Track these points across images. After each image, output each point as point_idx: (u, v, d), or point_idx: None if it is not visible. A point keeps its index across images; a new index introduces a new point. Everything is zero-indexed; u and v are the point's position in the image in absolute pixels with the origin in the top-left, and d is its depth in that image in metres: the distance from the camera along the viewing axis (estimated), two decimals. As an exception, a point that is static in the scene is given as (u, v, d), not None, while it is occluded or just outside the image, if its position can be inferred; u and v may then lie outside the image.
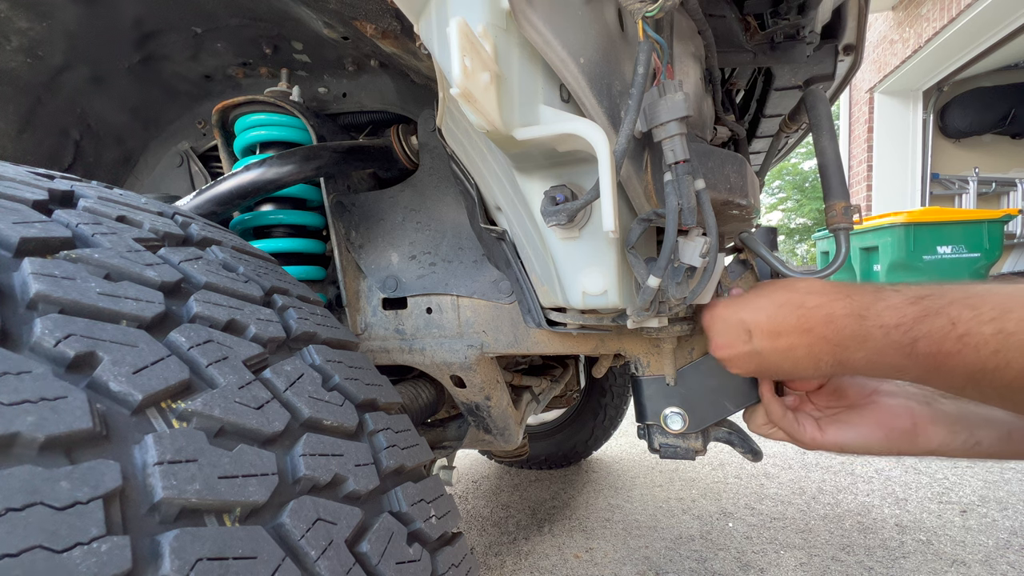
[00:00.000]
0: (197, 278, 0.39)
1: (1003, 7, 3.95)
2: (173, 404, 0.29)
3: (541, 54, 0.39)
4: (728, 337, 0.55)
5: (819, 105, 0.66)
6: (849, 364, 0.47)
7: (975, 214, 3.62)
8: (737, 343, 0.54)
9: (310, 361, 0.43)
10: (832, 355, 0.48)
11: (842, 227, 0.61)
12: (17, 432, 0.22)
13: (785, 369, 0.52)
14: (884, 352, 0.44)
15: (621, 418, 2.03)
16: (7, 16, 0.67)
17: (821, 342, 0.48)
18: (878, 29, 5.40)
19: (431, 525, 0.42)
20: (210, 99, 0.88)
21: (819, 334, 0.48)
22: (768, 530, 1.51)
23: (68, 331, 0.27)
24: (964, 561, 1.31)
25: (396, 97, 0.81)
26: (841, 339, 0.46)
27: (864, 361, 0.46)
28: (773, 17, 0.65)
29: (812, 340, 0.48)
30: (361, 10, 0.53)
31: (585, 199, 0.43)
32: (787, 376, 0.56)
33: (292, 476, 0.32)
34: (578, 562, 1.40)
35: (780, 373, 0.54)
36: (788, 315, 0.50)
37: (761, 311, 0.52)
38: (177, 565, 0.24)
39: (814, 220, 12.74)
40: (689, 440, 0.68)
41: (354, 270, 0.81)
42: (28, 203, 0.34)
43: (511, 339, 0.74)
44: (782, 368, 0.52)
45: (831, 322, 0.47)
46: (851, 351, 0.46)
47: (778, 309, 0.51)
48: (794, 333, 0.49)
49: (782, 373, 0.54)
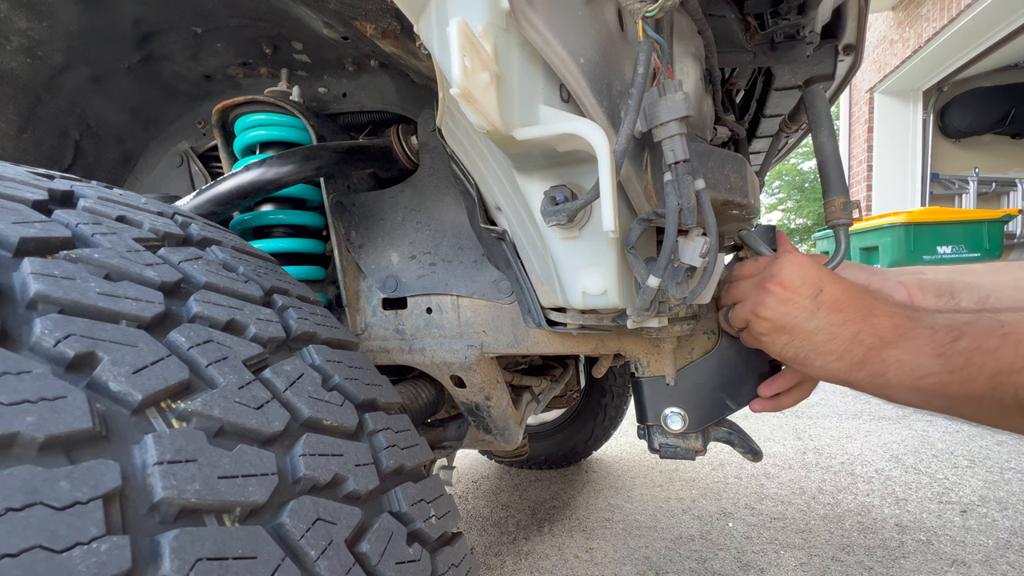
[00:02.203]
0: (197, 278, 0.39)
1: (1003, 7, 3.95)
2: (173, 404, 0.29)
3: (541, 54, 0.39)
4: (797, 282, 0.54)
5: (818, 102, 0.66)
6: (872, 363, 0.49)
7: (975, 214, 3.62)
8: (802, 293, 0.53)
9: (310, 361, 0.43)
10: (867, 347, 0.49)
11: (841, 223, 0.61)
12: (17, 432, 0.22)
13: (814, 342, 0.52)
14: (919, 352, 0.45)
15: (621, 418, 2.03)
16: (7, 16, 0.67)
17: (871, 330, 0.49)
18: (878, 29, 5.40)
19: (431, 525, 0.42)
20: (210, 99, 0.88)
21: (874, 323, 0.49)
22: (768, 530, 1.51)
23: (68, 331, 0.27)
24: (964, 561, 1.31)
25: (396, 97, 0.81)
26: (889, 333, 0.48)
27: (893, 360, 0.47)
28: (773, 17, 0.65)
29: (865, 326, 0.50)
30: (361, 10, 0.53)
31: (585, 199, 0.43)
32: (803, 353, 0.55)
33: (292, 476, 0.32)
34: (578, 562, 1.40)
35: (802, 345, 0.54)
36: (861, 297, 0.51)
37: (839, 282, 0.53)
38: (177, 565, 0.24)
39: (814, 220, 12.74)
40: (689, 440, 0.68)
41: (354, 270, 0.81)
42: (28, 203, 0.34)
43: (511, 339, 0.74)
44: (812, 340, 0.53)
45: (892, 317, 0.49)
46: (889, 348, 0.47)
47: (855, 289, 0.52)
48: (856, 312, 0.51)
49: (804, 346, 0.54)
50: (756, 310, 0.57)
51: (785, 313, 0.54)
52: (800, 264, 0.55)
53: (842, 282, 0.53)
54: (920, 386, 0.46)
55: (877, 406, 2.84)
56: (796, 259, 0.56)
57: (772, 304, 0.55)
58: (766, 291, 0.56)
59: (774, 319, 0.55)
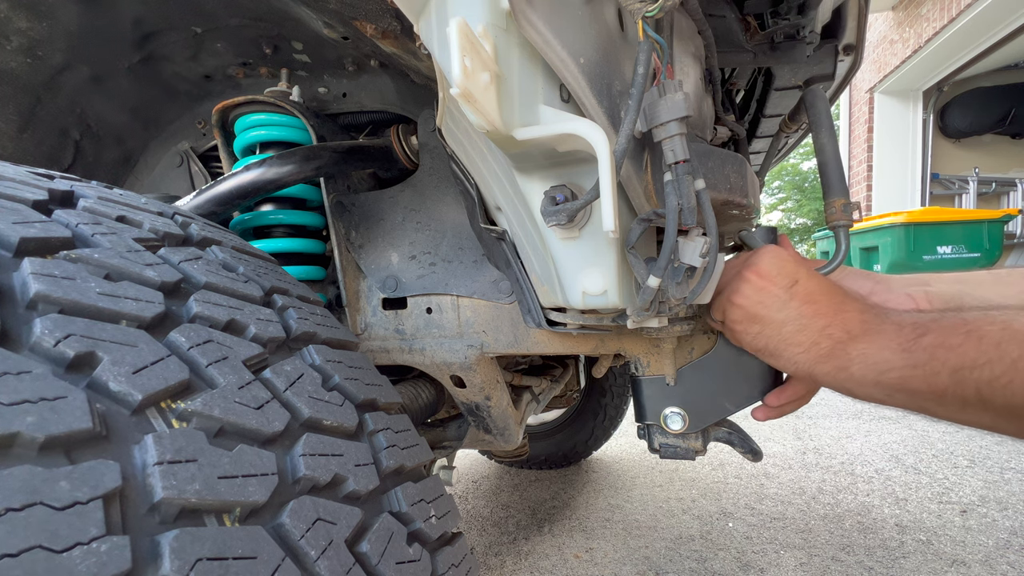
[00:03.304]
0: (197, 278, 0.39)
1: (1003, 7, 3.95)
2: (173, 404, 0.29)
3: (541, 54, 0.39)
4: (774, 272, 0.54)
5: (818, 103, 0.66)
6: (837, 356, 0.49)
7: (975, 214, 3.62)
8: (776, 282, 0.54)
9: (310, 361, 0.43)
10: (835, 341, 0.49)
11: (841, 224, 0.61)
12: (17, 432, 0.22)
13: (783, 333, 0.53)
14: (884, 346, 0.46)
15: (621, 418, 2.03)
16: (7, 16, 0.67)
17: (839, 324, 0.50)
18: (878, 29, 5.40)
19: (431, 525, 0.42)
20: (210, 99, 0.88)
21: (844, 317, 0.50)
22: (768, 530, 1.51)
23: (68, 331, 0.27)
24: (964, 561, 1.31)
25: (396, 97, 0.81)
26: (856, 328, 0.48)
27: (857, 354, 0.48)
28: (773, 17, 0.65)
29: (834, 320, 0.50)
30: (361, 10, 0.53)
31: (585, 199, 0.43)
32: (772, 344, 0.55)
33: (292, 476, 0.32)
34: (578, 562, 1.40)
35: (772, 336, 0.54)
36: (834, 292, 0.52)
37: (815, 277, 0.54)
38: (177, 565, 0.24)
39: (814, 220, 12.74)
40: (689, 440, 0.68)
41: (354, 270, 0.81)
42: (28, 203, 0.34)
43: (511, 339, 0.74)
44: (782, 331, 0.53)
45: (862, 312, 0.49)
46: (855, 342, 0.48)
47: (829, 285, 0.53)
48: (827, 306, 0.51)
49: (773, 337, 0.54)
50: (731, 297, 0.57)
51: (758, 302, 0.55)
52: (779, 256, 0.56)
53: (818, 277, 0.54)
54: (883, 380, 0.46)
55: (877, 406, 2.84)
56: (776, 251, 0.57)
57: (747, 292, 0.55)
58: (743, 279, 0.56)
59: (747, 307, 0.55)
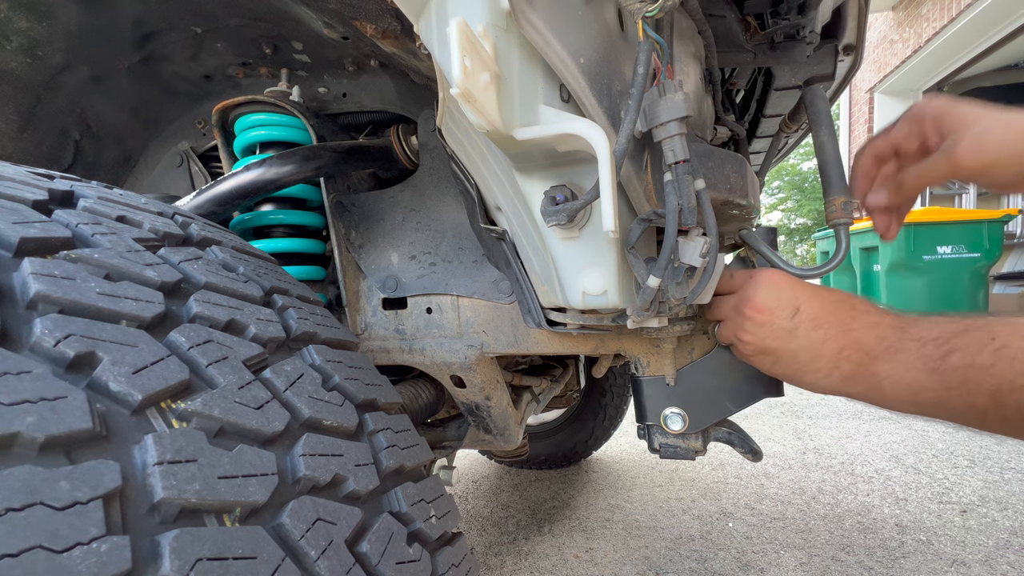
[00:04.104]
0: (197, 278, 0.39)
1: (1003, 7, 3.95)
2: (173, 404, 0.29)
3: (541, 54, 0.39)
4: (772, 304, 0.53)
5: (818, 102, 0.66)
6: (864, 378, 0.48)
7: (975, 214, 3.61)
8: (778, 314, 0.52)
9: (310, 361, 0.43)
10: (855, 363, 0.48)
11: (841, 222, 0.61)
12: (17, 432, 0.22)
13: (799, 361, 0.52)
14: (911, 367, 0.44)
15: (621, 418, 2.03)
16: (7, 16, 0.67)
17: (854, 346, 0.48)
18: (878, 29, 5.40)
19: (431, 525, 0.42)
20: (210, 99, 0.88)
21: (856, 337, 0.48)
22: (768, 530, 1.51)
23: (68, 331, 0.27)
24: (964, 561, 1.31)
25: (396, 97, 0.81)
26: (874, 347, 0.47)
27: (885, 375, 0.46)
28: (773, 17, 0.65)
29: (847, 342, 0.49)
30: (361, 10, 0.53)
31: (585, 199, 0.43)
32: (790, 371, 0.54)
33: (292, 476, 0.32)
34: (578, 562, 1.40)
35: (788, 365, 0.53)
36: (840, 310, 0.51)
37: (816, 297, 0.52)
38: (177, 565, 0.24)
39: (814, 220, 12.75)
40: (689, 440, 0.68)
41: (354, 270, 0.81)
42: (28, 203, 0.34)
43: (511, 339, 0.74)
44: (797, 359, 0.52)
45: (875, 328, 0.48)
46: (878, 362, 0.46)
47: (833, 302, 0.51)
48: (836, 328, 0.50)
49: (790, 366, 0.53)
50: (738, 334, 0.56)
51: (765, 336, 0.53)
52: (774, 284, 0.54)
53: (819, 295, 0.52)
54: (919, 400, 0.45)
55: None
56: (769, 279, 0.55)
57: (751, 329, 0.54)
58: (744, 316, 0.55)
59: (755, 343, 0.54)
